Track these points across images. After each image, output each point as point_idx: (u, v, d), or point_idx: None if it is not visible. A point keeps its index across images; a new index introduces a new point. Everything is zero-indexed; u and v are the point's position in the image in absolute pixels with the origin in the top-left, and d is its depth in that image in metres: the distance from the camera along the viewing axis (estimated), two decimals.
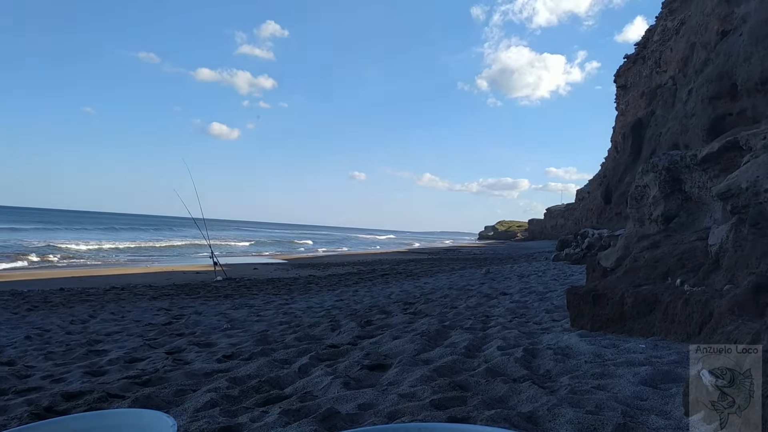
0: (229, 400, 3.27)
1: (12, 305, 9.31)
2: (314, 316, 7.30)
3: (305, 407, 2.92)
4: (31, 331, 6.73)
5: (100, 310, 8.79)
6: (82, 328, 6.94)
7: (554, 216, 78.21)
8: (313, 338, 5.43)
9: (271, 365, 4.11)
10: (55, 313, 8.42)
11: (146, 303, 9.73)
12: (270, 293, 11.28)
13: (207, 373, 4.06)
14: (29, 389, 3.92)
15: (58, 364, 4.76)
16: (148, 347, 5.40)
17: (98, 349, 5.40)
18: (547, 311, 6.70)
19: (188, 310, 8.52)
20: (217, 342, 5.54)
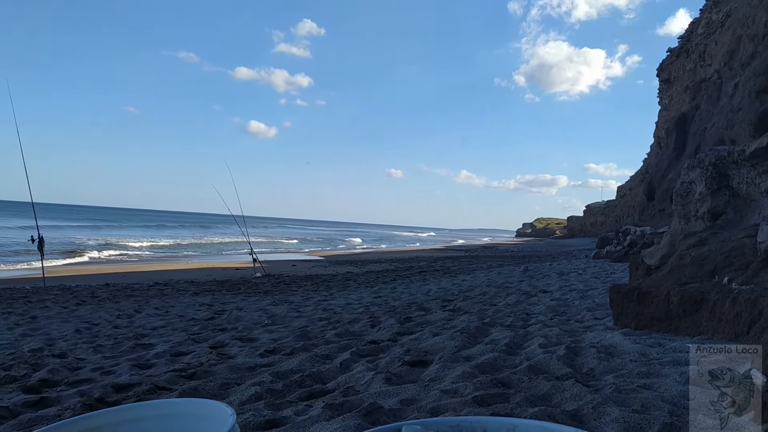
0: (273, 393, 3.33)
1: (61, 300, 9.61)
2: (353, 312, 7.35)
3: (348, 402, 2.95)
4: (81, 324, 6.94)
5: (144, 305, 9.00)
6: (128, 323, 7.13)
7: (594, 213, 76.94)
8: (353, 334, 5.47)
9: (313, 360, 4.16)
10: (102, 308, 8.66)
11: (189, 298, 9.93)
12: (309, 290, 11.39)
13: (250, 367, 4.13)
14: (81, 381, 4.05)
15: (107, 357, 4.91)
16: (192, 342, 5.52)
17: (144, 343, 5.54)
18: (588, 309, 6.61)
19: (230, 306, 8.66)
20: (259, 337, 5.63)
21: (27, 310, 8.32)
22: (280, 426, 2.69)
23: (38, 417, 3.10)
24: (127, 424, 1.24)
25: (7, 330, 6.69)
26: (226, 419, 1.11)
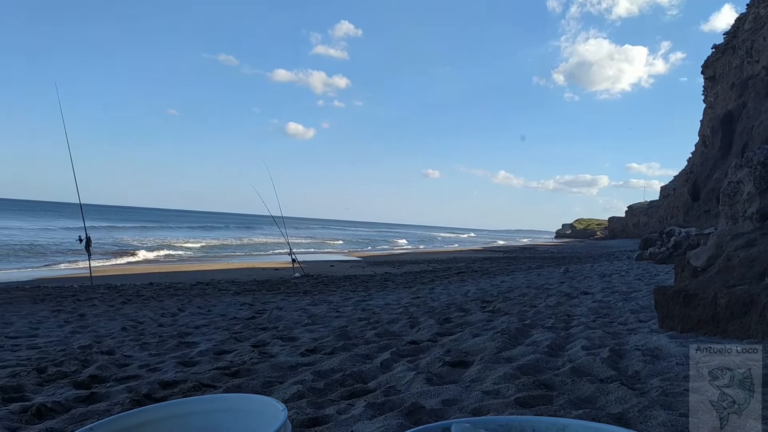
0: (315, 392, 3.36)
1: (108, 298, 9.87)
2: (392, 312, 7.37)
3: (390, 401, 2.96)
4: (127, 322, 7.12)
5: (187, 304, 9.18)
6: (172, 321, 7.28)
7: (636, 214, 75.45)
8: (392, 334, 5.48)
9: (354, 360, 4.18)
10: (147, 306, 8.87)
11: (230, 298, 10.09)
12: (347, 290, 11.45)
13: (292, 366, 4.18)
14: (128, 377, 4.16)
15: (152, 354, 5.02)
16: (234, 340, 5.60)
17: (188, 341, 5.65)
18: (632, 311, 6.49)
19: (270, 306, 8.77)
20: (300, 336, 5.69)
21: (76, 308, 8.58)
22: (323, 424, 2.71)
23: (89, 412, 3.19)
24: (178, 419, 1.28)
25: (58, 327, 6.90)
26: (277, 414, 1.12)
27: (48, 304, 9.05)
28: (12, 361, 4.93)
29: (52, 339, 6.09)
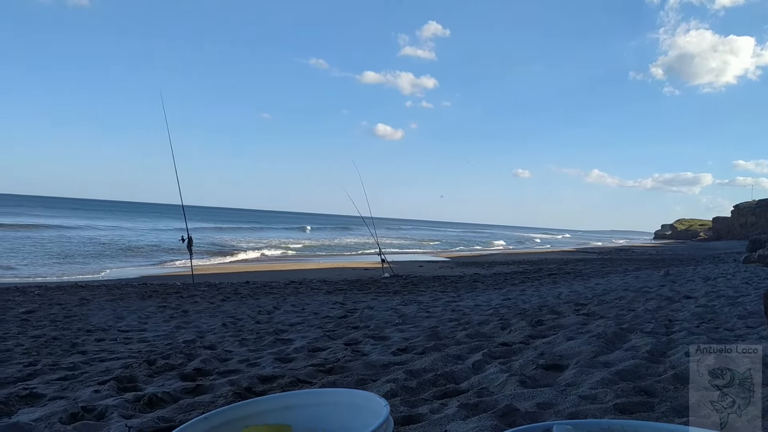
0: (408, 391, 3.40)
1: (208, 296, 10.37)
2: (482, 314, 7.31)
3: (483, 402, 2.96)
4: (226, 319, 7.46)
5: (282, 302, 9.49)
6: (268, 318, 7.56)
7: (744, 213, 70.88)
8: (483, 336, 5.45)
9: (445, 360, 4.19)
10: (244, 304, 9.25)
11: (322, 297, 10.34)
12: (437, 290, 11.46)
13: (384, 364, 4.24)
14: (229, 371, 4.36)
15: (251, 350, 5.24)
16: (327, 338, 5.75)
17: (284, 338, 5.85)
18: (739, 317, 6.12)
19: (361, 305, 8.92)
20: (391, 336, 5.75)
21: (179, 305, 9.07)
22: (416, 422, 2.75)
23: (195, 403, 3.37)
24: (286, 411, 1.34)
25: (164, 322, 7.33)
26: (379, 410, 1.16)
27: (154, 301, 9.62)
28: (125, 353, 5.28)
29: (159, 333, 6.47)
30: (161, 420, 3.01)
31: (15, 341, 5.97)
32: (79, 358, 5.04)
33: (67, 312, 8.18)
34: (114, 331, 6.62)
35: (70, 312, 8.18)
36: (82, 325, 7.08)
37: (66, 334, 6.42)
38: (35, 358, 5.08)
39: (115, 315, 7.96)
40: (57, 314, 7.98)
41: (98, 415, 3.22)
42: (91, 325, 7.08)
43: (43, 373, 4.50)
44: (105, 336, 6.30)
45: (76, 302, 9.27)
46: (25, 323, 7.20)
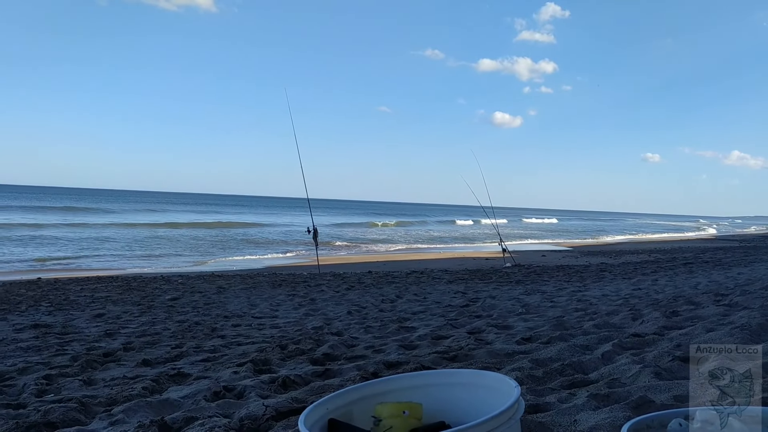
0: (534, 380, 3.35)
1: (334, 285, 10.73)
2: (611, 304, 7.02)
3: (614, 393, 2.85)
4: (351, 307, 7.69)
5: (404, 291, 9.64)
6: (391, 307, 7.71)
7: None
8: (612, 326, 5.23)
9: (572, 350, 4.08)
10: (368, 293, 9.48)
11: (443, 286, 10.37)
12: (561, 280, 11.13)
13: (508, 353, 4.20)
14: (356, 357, 4.51)
15: (376, 337, 5.38)
16: (450, 326, 5.77)
17: (407, 326, 5.95)
18: None
19: (482, 294, 8.86)
20: (514, 325, 5.68)
21: (307, 293, 9.47)
22: (543, 411, 2.70)
23: (325, 385, 3.52)
24: (418, 389, 1.38)
25: (293, 310, 7.69)
26: (510, 391, 1.17)
27: (284, 289, 10.11)
28: (259, 338, 5.61)
29: (290, 320, 6.80)
30: (294, 401, 3.18)
31: (163, 326, 6.52)
32: (218, 342, 5.41)
33: (206, 299, 8.80)
34: (248, 318, 7.04)
35: (209, 299, 8.80)
36: (220, 311, 7.59)
37: (206, 319, 6.91)
38: (180, 341, 5.51)
39: (249, 302, 8.45)
40: (198, 301, 8.61)
41: (238, 395, 3.46)
42: (228, 311, 7.58)
43: (188, 354, 4.88)
44: (241, 322, 6.72)
45: (214, 290, 9.94)
46: (170, 309, 7.83)
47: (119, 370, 4.40)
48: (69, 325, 6.60)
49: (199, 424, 2.79)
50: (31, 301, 8.68)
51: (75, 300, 8.80)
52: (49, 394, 3.71)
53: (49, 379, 4.07)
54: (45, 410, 3.10)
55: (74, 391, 3.73)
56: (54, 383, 3.98)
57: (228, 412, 3.05)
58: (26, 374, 4.29)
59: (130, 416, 3.07)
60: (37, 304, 8.44)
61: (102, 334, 6.03)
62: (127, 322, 6.78)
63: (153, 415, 3.07)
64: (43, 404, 3.30)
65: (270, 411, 2.97)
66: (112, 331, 6.15)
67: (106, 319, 7.03)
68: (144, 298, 8.94)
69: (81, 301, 8.72)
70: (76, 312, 7.67)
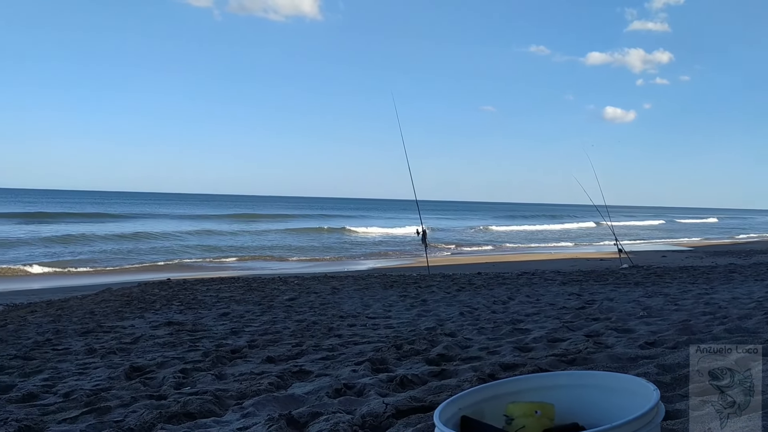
0: (662, 386, 3.20)
1: (444, 286, 10.75)
2: (743, 307, 6.55)
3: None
4: (463, 308, 7.69)
5: (516, 292, 9.49)
6: (503, 308, 7.62)
7: None
8: (745, 331, 4.90)
9: None
10: (479, 294, 9.43)
11: (557, 288, 10.11)
12: (685, 282, 10.52)
13: (631, 358, 4.04)
14: (471, 358, 4.51)
15: (490, 339, 5.35)
16: (566, 329, 5.63)
17: (521, 328, 5.87)
18: None
19: (599, 296, 8.56)
20: (635, 329, 5.45)
21: (418, 294, 9.56)
22: (675, 419, 2.60)
23: (442, 385, 3.56)
24: (546, 390, 1.38)
25: (405, 310, 7.79)
26: (648, 395, 1.15)
27: (395, 290, 10.26)
28: (374, 338, 5.74)
29: (403, 320, 6.90)
30: (413, 399, 3.23)
31: (283, 324, 6.82)
32: (336, 341, 5.59)
33: (322, 300, 9.11)
34: (363, 318, 7.22)
35: (324, 300, 9.10)
36: (336, 311, 7.83)
37: (323, 319, 7.16)
38: (300, 340, 5.75)
39: (362, 303, 8.66)
40: (314, 301, 8.93)
41: (358, 392, 3.57)
42: (343, 311, 7.80)
43: (308, 353, 5.09)
44: (356, 322, 6.90)
45: (329, 291, 10.26)
46: (289, 309, 8.18)
47: (246, 366, 4.66)
48: (198, 323, 7.07)
49: (324, 419, 2.92)
50: (163, 300, 9.37)
51: (202, 299, 9.40)
52: (186, 386, 4.00)
53: (185, 373, 4.39)
54: (184, 402, 3.35)
55: (208, 384, 4.00)
56: (189, 377, 4.28)
57: (350, 408, 3.16)
58: (164, 368, 4.65)
59: (260, 410, 3.26)
60: (169, 303, 9.10)
61: (228, 332, 6.41)
62: (250, 321, 7.16)
63: (280, 409, 3.24)
64: (182, 396, 3.57)
65: (390, 409, 3.04)
66: (237, 329, 6.52)
67: (231, 318, 7.46)
68: (264, 298, 9.39)
69: (207, 300, 9.30)
70: (203, 311, 8.20)
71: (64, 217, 42.82)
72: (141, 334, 6.37)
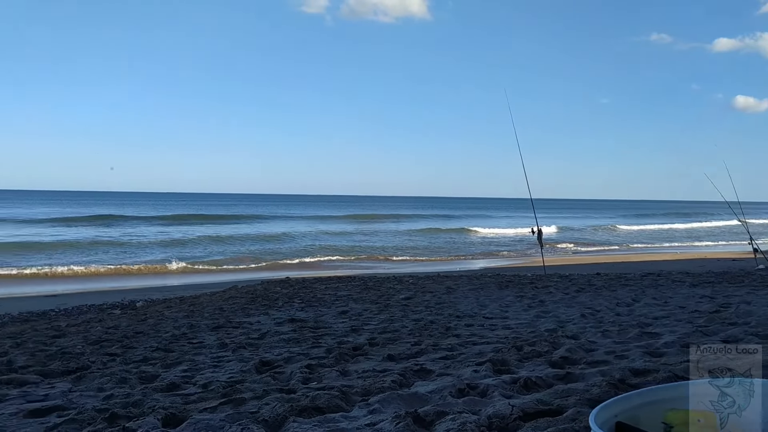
0: None
1: (562, 286, 10.44)
2: None
3: None
4: (584, 310, 7.42)
5: (640, 294, 9.04)
6: (628, 311, 7.28)
7: None
8: None
9: None
10: (600, 295, 9.06)
11: (686, 290, 9.53)
12: None
13: None
14: (597, 362, 4.34)
15: (616, 342, 5.12)
16: (700, 334, 5.29)
17: (649, 332, 5.58)
18: None
19: (734, 299, 7.96)
20: None
21: (535, 295, 9.34)
22: None
23: (569, 389, 3.45)
24: (707, 398, 1.30)
25: (523, 311, 7.64)
26: None
27: (511, 290, 10.08)
28: (492, 338, 5.68)
29: (521, 321, 6.77)
30: (539, 402, 3.17)
31: (400, 323, 6.90)
32: (454, 341, 5.58)
33: (437, 299, 9.13)
34: (480, 318, 7.15)
35: (440, 299, 9.11)
36: (452, 311, 7.82)
37: (439, 318, 7.17)
38: (418, 339, 5.80)
39: (478, 303, 8.59)
40: (429, 301, 8.96)
41: (481, 393, 3.54)
42: (459, 311, 7.78)
43: (428, 351, 5.11)
44: (473, 322, 6.86)
45: (444, 290, 10.27)
46: (405, 308, 8.26)
47: (368, 363, 4.76)
48: (319, 321, 7.31)
49: (450, 419, 2.92)
50: (285, 298, 9.77)
51: (321, 297, 9.71)
52: (313, 381, 4.15)
53: (311, 369, 4.55)
54: (312, 396, 3.48)
55: (333, 380, 4.13)
56: (315, 372, 4.44)
57: (474, 409, 3.14)
58: (291, 363, 4.85)
59: (385, 406, 3.32)
60: (290, 300, 9.48)
61: (348, 329, 6.58)
62: (369, 319, 7.30)
63: (405, 407, 3.28)
64: (310, 391, 3.70)
65: (516, 411, 3.00)
66: (357, 327, 6.68)
67: (350, 316, 7.65)
68: (380, 297, 9.55)
69: (326, 298, 9.59)
70: (323, 308, 8.47)
71: (196, 219, 45.94)
72: (267, 330, 6.68)
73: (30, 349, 6.11)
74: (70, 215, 46.20)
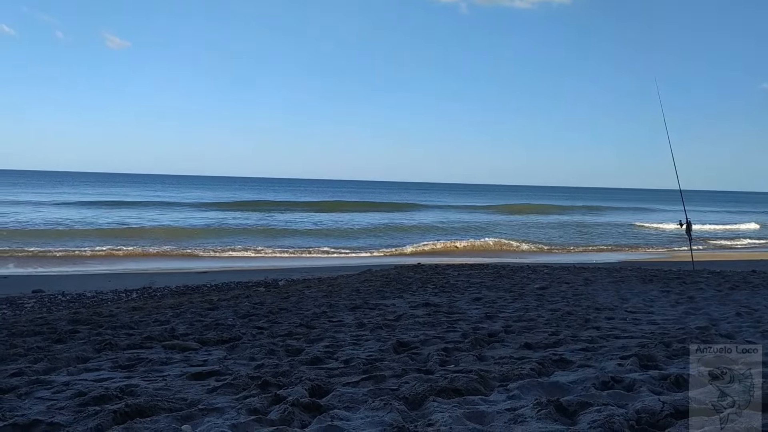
0: None
1: (713, 283, 9.70)
2: None
3: None
4: (740, 308, 6.85)
5: None
6: None
7: None
8: None
9: None
10: (758, 294, 8.32)
11: None
12: None
13: None
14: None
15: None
16: None
17: None
18: None
19: None
20: None
21: (683, 290, 8.75)
22: None
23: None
24: None
25: (670, 307, 7.19)
26: None
27: (656, 285, 9.51)
28: (636, 332, 5.41)
29: (668, 317, 6.38)
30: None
31: (536, 313, 6.76)
32: (594, 333, 5.38)
33: (574, 290, 8.82)
34: (621, 311, 6.83)
35: (577, 290, 8.80)
36: (590, 303, 7.53)
37: (577, 310, 6.93)
38: (556, 329, 5.65)
39: (618, 296, 8.20)
40: (566, 292, 8.69)
41: (627, 387, 3.39)
42: (598, 303, 7.47)
43: (566, 342, 4.97)
44: (613, 315, 6.57)
45: (581, 282, 9.90)
46: (540, 298, 8.08)
47: (504, 350, 4.72)
48: (453, 306, 7.34)
49: (596, 410, 2.83)
50: (419, 283, 9.90)
51: (454, 284, 9.73)
52: (450, 364, 4.19)
53: (447, 352, 4.59)
54: (451, 378, 3.51)
55: (470, 364, 4.14)
56: (451, 356, 4.47)
57: (620, 402, 3.02)
58: (427, 345, 4.92)
59: (525, 393, 3.28)
60: (424, 285, 9.59)
61: (482, 316, 6.55)
62: (503, 307, 7.22)
63: (545, 395, 3.21)
64: (447, 373, 3.74)
65: (668, 408, 2.84)
66: (491, 314, 6.63)
67: (484, 303, 7.60)
68: (514, 286, 9.41)
69: (459, 285, 9.60)
70: (456, 294, 8.48)
71: (342, 206, 47.96)
72: (402, 313, 6.81)
73: (188, 319, 6.68)
74: (223, 200, 50.10)
